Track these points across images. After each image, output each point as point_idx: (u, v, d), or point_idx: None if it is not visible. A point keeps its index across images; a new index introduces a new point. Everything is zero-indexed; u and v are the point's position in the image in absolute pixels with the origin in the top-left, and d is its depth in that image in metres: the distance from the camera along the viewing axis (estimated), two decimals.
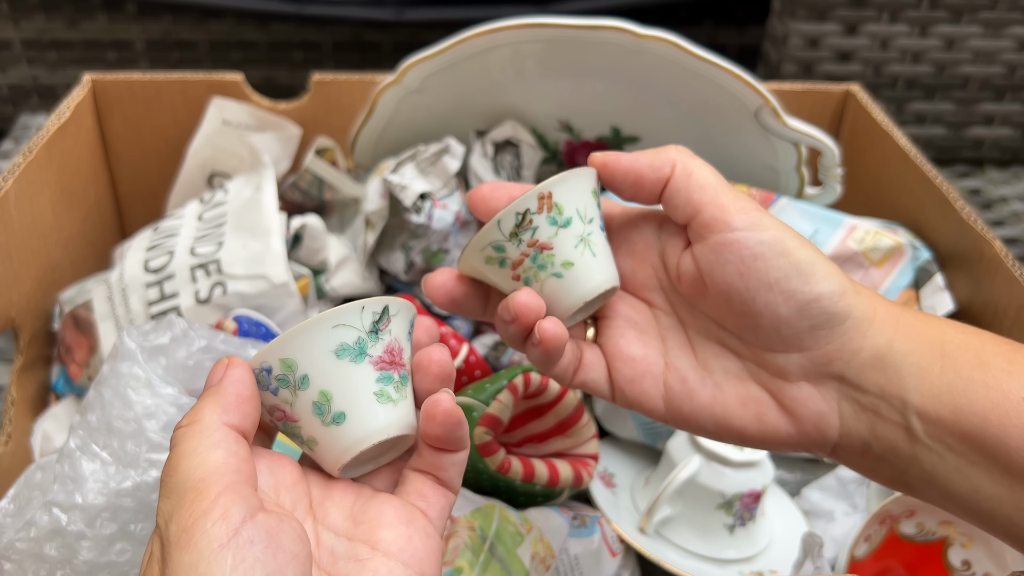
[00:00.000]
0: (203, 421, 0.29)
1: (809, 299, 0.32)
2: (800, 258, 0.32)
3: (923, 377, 0.31)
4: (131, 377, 0.43)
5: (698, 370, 0.35)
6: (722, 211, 0.32)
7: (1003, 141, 1.02)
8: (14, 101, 1.25)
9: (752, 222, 0.32)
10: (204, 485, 0.26)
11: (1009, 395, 0.29)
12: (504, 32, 0.56)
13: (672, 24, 0.67)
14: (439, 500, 0.32)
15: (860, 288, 0.33)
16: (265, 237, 0.58)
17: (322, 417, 0.30)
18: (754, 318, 0.33)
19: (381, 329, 0.31)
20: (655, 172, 0.34)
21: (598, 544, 0.50)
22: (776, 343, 0.33)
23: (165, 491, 0.27)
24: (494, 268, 0.34)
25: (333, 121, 0.73)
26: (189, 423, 0.29)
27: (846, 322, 0.32)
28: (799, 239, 0.33)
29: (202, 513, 0.26)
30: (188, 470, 0.27)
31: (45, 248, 0.61)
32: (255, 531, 0.26)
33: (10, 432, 0.56)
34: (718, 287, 0.33)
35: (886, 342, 0.31)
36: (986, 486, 0.30)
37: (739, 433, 0.34)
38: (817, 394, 0.33)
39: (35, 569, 0.40)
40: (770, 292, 0.32)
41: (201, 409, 0.29)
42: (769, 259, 0.32)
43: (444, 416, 0.30)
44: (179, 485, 0.27)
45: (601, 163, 0.35)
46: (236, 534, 0.25)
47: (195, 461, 0.27)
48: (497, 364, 0.58)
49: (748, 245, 0.32)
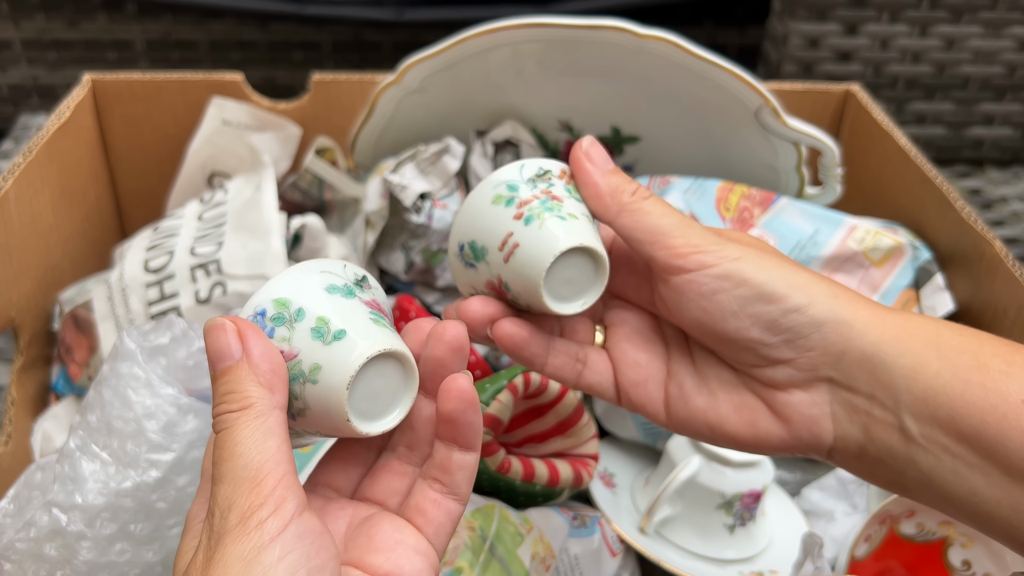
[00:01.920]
0: (256, 406, 0.28)
1: (775, 317, 0.32)
2: (759, 282, 0.32)
3: (917, 378, 0.31)
4: (131, 377, 0.43)
5: (695, 377, 0.36)
6: (672, 255, 0.33)
7: (1003, 141, 1.02)
8: (14, 101, 1.25)
9: (702, 261, 0.33)
10: (261, 475, 0.27)
11: (1007, 397, 0.29)
12: (504, 32, 0.56)
13: (672, 24, 0.67)
14: (439, 516, 0.31)
15: (839, 292, 0.33)
16: (265, 237, 0.58)
17: (323, 339, 0.30)
18: (729, 343, 0.33)
19: (365, 288, 0.32)
20: (602, 207, 0.34)
21: (598, 544, 0.50)
22: (757, 360, 0.33)
23: (220, 476, 0.27)
24: (499, 207, 0.35)
25: (333, 121, 0.73)
26: (241, 407, 0.28)
27: (822, 328, 0.32)
28: (759, 261, 0.33)
29: (259, 505, 0.26)
30: (246, 457, 0.27)
31: (45, 248, 0.61)
32: (303, 527, 0.26)
33: (10, 432, 0.56)
34: (687, 320, 0.34)
35: (873, 343, 0.31)
36: (984, 488, 0.30)
37: (733, 438, 0.35)
38: (809, 399, 0.33)
39: (35, 569, 0.40)
40: (736, 319, 0.32)
41: (248, 392, 0.28)
42: (728, 291, 0.32)
43: (459, 392, 0.30)
44: (237, 473, 0.27)
45: (575, 160, 0.35)
46: (286, 528, 0.26)
47: (251, 447, 0.27)
48: (497, 364, 0.58)
49: (703, 282, 0.33)
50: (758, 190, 0.60)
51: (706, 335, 0.34)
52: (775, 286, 0.32)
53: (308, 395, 0.30)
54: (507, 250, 0.34)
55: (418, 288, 0.63)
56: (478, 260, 0.35)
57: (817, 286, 0.32)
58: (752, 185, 0.62)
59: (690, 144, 0.64)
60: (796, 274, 0.33)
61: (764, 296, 0.32)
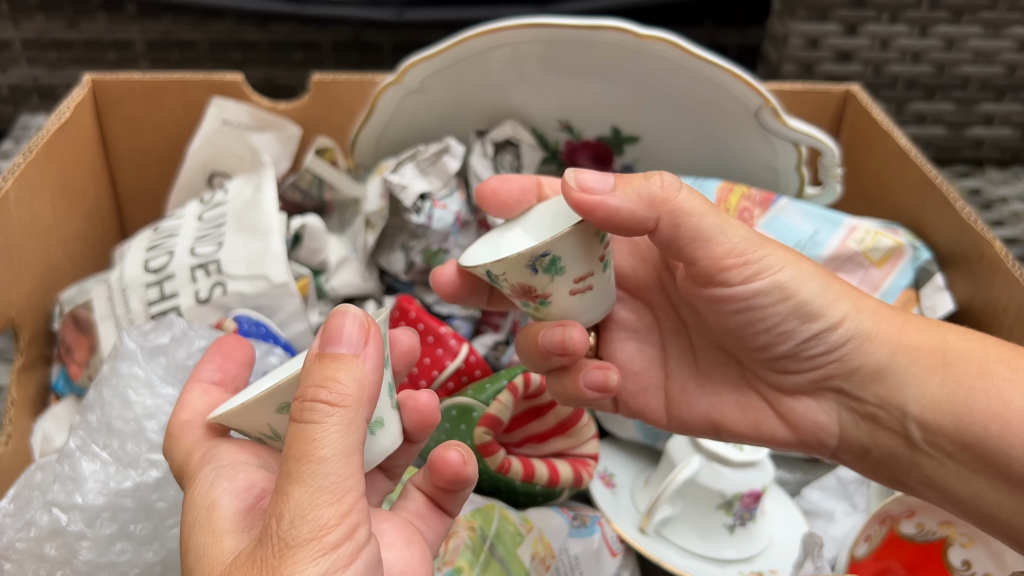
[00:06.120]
0: (351, 410, 0.26)
1: (808, 336, 0.31)
2: (800, 300, 0.31)
3: (923, 388, 0.31)
4: (131, 377, 0.43)
5: (697, 377, 0.35)
6: (716, 267, 0.31)
7: (1003, 141, 1.02)
8: (14, 101, 1.25)
9: (748, 275, 0.30)
10: (342, 491, 0.25)
11: (1011, 404, 0.29)
12: (504, 32, 0.56)
13: (672, 24, 0.67)
14: (438, 524, 0.31)
15: (863, 302, 0.32)
16: (265, 237, 0.58)
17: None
18: (751, 352, 0.33)
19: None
20: (638, 225, 0.31)
21: (598, 544, 0.50)
22: (775, 368, 0.33)
23: (299, 476, 0.25)
24: (596, 241, 0.34)
25: (333, 121, 0.73)
26: (341, 404, 0.26)
27: (847, 344, 0.31)
28: (800, 272, 0.31)
29: (336, 524, 0.24)
30: (332, 464, 0.25)
31: (45, 248, 0.61)
32: (372, 558, 0.25)
33: (10, 432, 0.56)
34: (715, 327, 0.33)
35: (887, 356, 0.31)
36: (986, 492, 0.30)
37: (737, 437, 0.35)
38: (816, 405, 0.33)
39: (35, 569, 0.40)
40: (768, 335, 0.31)
41: (352, 389, 0.26)
42: (767, 307, 0.31)
43: (428, 411, 0.31)
44: (319, 481, 0.24)
45: (576, 204, 0.31)
46: (358, 557, 0.24)
47: (340, 456, 0.25)
48: (497, 364, 0.58)
49: (744, 298, 0.31)
50: (758, 190, 0.60)
51: (730, 341, 0.33)
52: (814, 304, 0.31)
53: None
54: (581, 285, 0.33)
55: (418, 288, 0.63)
56: (546, 273, 0.33)
57: (847, 299, 0.31)
58: (752, 185, 0.62)
59: (690, 144, 0.64)
60: (831, 287, 0.31)
61: (802, 315, 0.31)
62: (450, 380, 0.52)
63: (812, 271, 0.31)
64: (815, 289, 0.31)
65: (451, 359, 0.52)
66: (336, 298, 0.62)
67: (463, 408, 0.48)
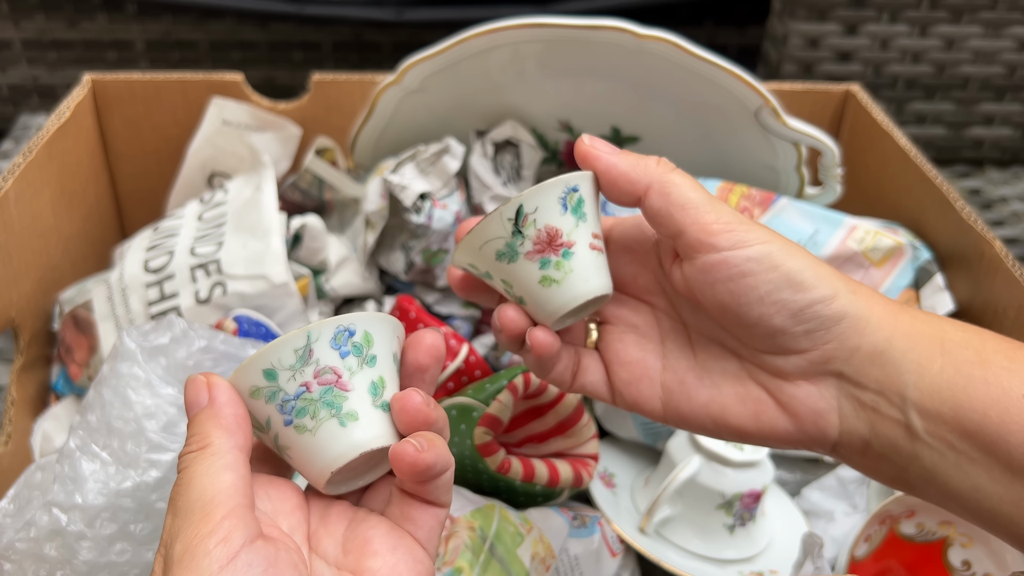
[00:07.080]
0: (214, 445, 0.29)
1: (802, 306, 0.32)
2: (790, 268, 0.32)
3: (923, 374, 0.31)
4: (131, 377, 0.43)
5: (696, 370, 0.35)
6: (705, 232, 0.32)
7: (1003, 141, 1.02)
8: (14, 101, 1.25)
9: (736, 240, 0.32)
10: (212, 506, 0.27)
11: (1009, 392, 0.29)
12: (504, 32, 0.56)
13: (672, 24, 0.67)
14: (427, 520, 0.31)
15: (856, 287, 0.33)
16: (265, 237, 0.58)
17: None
18: (748, 328, 0.33)
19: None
20: (629, 185, 0.33)
21: (598, 544, 0.50)
22: (773, 347, 0.33)
23: (173, 510, 0.28)
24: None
25: (333, 121, 0.73)
26: (200, 447, 0.29)
27: (842, 322, 0.32)
28: (787, 248, 0.32)
29: (206, 535, 0.26)
30: (199, 491, 0.27)
31: (45, 248, 0.61)
32: (254, 556, 0.26)
33: (10, 432, 0.56)
34: (709, 303, 0.33)
35: (884, 339, 0.32)
36: (986, 484, 0.30)
37: (738, 431, 0.35)
38: (816, 392, 0.33)
39: (35, 569, 0.40)
40: (762, 305, 0.32)
41: (208, 433, 0.29)
42: (758, 274, 0.32)
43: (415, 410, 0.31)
44: (187, 506, 0.27)
45: (583, 153, 0.34)
46: (235, 557, 0.26)
47: (206, 482, 0.28)
48: (497, 364, 0.58)
49: (735, 263, 0.32)
50: (758, 190, 0.60)
51: (727, 318, 0.33)
52: (804, 275, 0.32)
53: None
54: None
55: (418, 288, 0.63)
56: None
57: (839, 280, 0.32)
58: (752, 185, 0.62)
59: (690, 144, 0.64)
60: (820, 265, 0.33)
61: (793, 284, 0.32)
62: (450, 380, 0.52)
63: (799, 250, 0.33)
64: (803, 264, 0.32)
65: (451, 359, 0.52)
66: (336, 298, 0.62)
67: (463, 408, 0.48)
